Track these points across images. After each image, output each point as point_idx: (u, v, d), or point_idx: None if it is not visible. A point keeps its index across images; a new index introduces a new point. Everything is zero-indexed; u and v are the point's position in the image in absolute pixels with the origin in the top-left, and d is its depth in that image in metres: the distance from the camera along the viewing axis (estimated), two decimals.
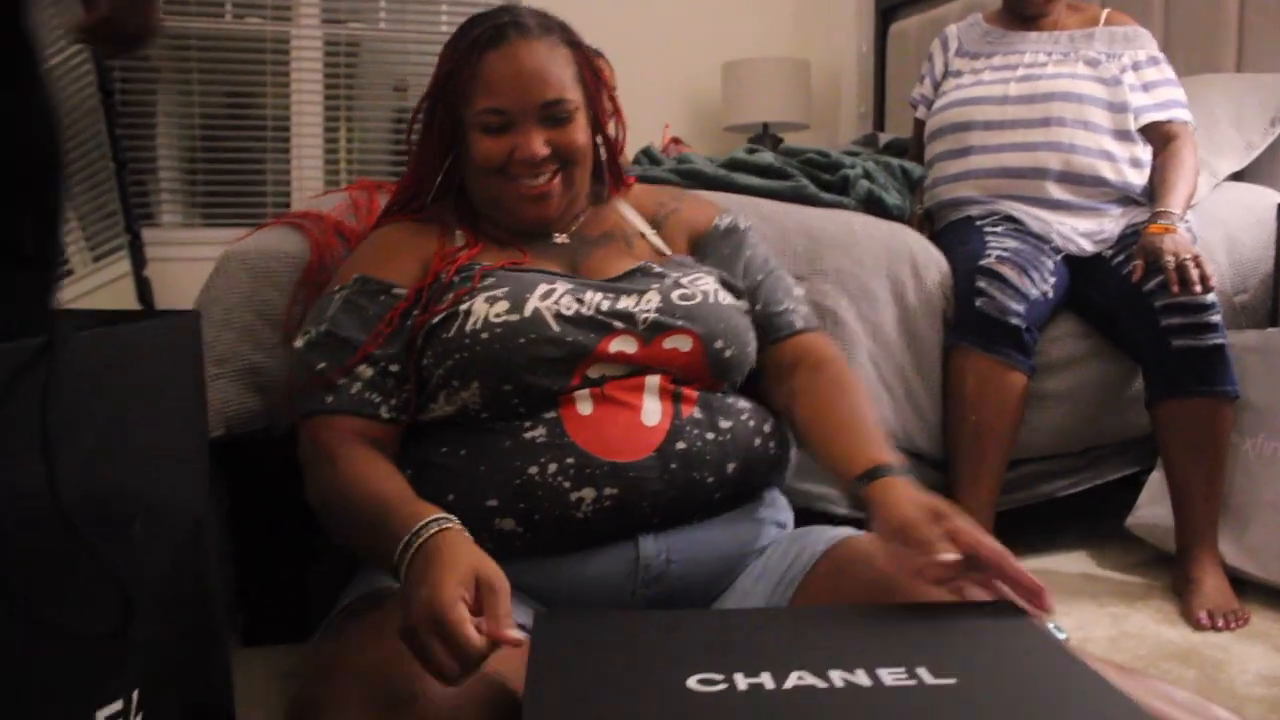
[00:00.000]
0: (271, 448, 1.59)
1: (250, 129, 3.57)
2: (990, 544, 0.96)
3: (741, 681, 0.79)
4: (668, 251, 1.32)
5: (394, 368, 1.18)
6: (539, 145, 1.21)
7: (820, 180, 2.11)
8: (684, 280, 1.23)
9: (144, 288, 3.02)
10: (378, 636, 0.95)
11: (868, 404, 1.23)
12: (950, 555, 0.94)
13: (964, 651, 0.86)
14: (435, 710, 0.85)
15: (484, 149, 1.23)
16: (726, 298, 1.25)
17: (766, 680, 0.79)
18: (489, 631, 0.82)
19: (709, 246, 1.35)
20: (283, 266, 1.57)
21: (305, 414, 1.18)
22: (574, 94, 1.23)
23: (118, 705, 0.85)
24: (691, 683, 0.79)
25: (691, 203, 1.41)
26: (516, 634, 0.81)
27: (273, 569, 1.67)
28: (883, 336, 1.95)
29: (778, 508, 1.28)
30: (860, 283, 1.94)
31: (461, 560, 0.87)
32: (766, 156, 2.13)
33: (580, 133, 1.24)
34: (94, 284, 3.10)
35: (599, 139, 1.31)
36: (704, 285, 1.24)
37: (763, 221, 1.87)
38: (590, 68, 1.27)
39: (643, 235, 1.33)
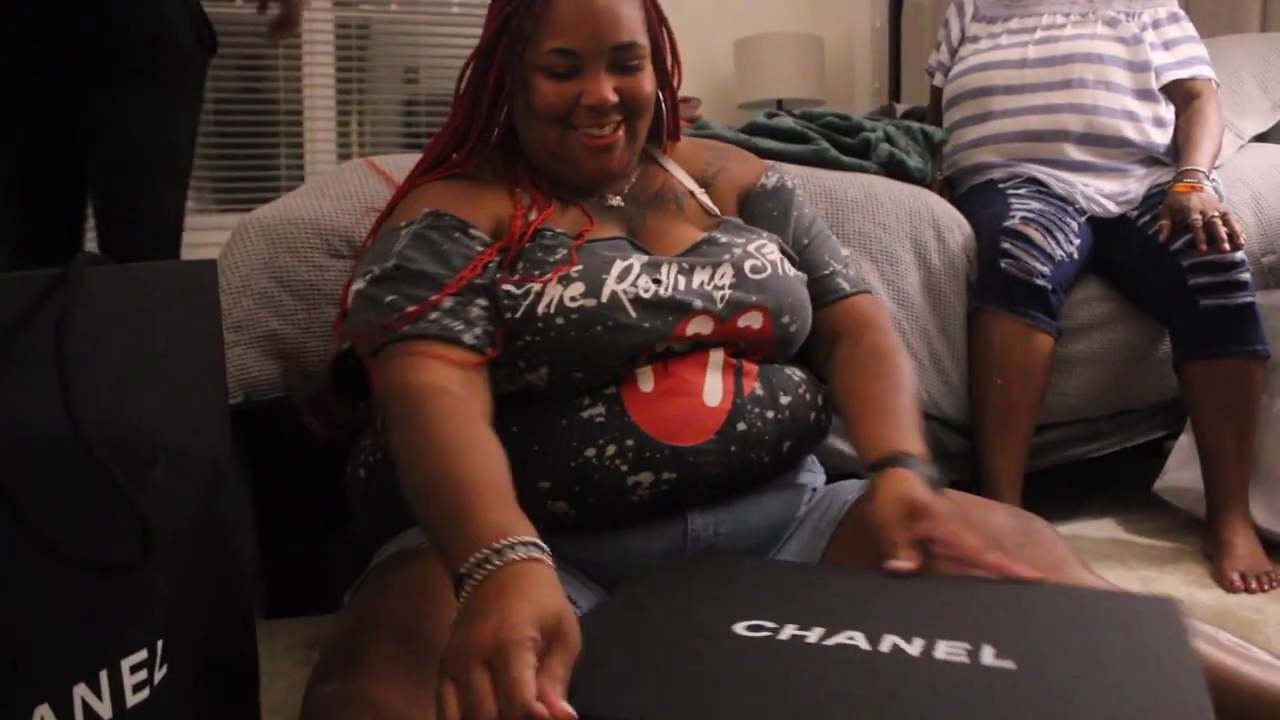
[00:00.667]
0: (291, 417, 1.57)
1: (263, 113, 3.56)
2: (966, 543, 0.93)
3: (787, 631, 0.78)
4: (718, 212, 1.26)
5: (480, 301, 1.08)
6: (609, 90, 1.13)
7: (841, 144, 2.08)
8: (751, 249, 1.18)
9: None
10: (412, 590, 0.95)
11: (903, 378, 1.16)
12: (903, 565, 0.92)
13: (1042, 636, 0.77)
14: None
15: (547, 94, 1.13)
16: (790, 269, 1.21)
17: (814, 634, 0.77)
18: (539, 688, 0.68)
19: (757, 206, 1.29)
20: (301, 232, 1.56)
21: (375, 349, 1.04)
22: (644, 40, 1.16)
23: (142, 654, 0.84)
24: (739, 628, 0.78)
25: (737, 159, 1.34)
26: (567, 708, 0.66)
27: (294, 540, 1.66)
28: (906, 300, 1.92)
29: (815, 470, 1.27)
30: (883, 245, 1.91)
31: (545, 600, 0.73)
32: (786, 121, 2.10)
33: (648, 82, 1.17)
34: None
35: (662, 93, 1.24)
36: (770, 255, 1.19)
37: None
38: (658, 14, 1.20)
39: (692, 194, 1.27)
